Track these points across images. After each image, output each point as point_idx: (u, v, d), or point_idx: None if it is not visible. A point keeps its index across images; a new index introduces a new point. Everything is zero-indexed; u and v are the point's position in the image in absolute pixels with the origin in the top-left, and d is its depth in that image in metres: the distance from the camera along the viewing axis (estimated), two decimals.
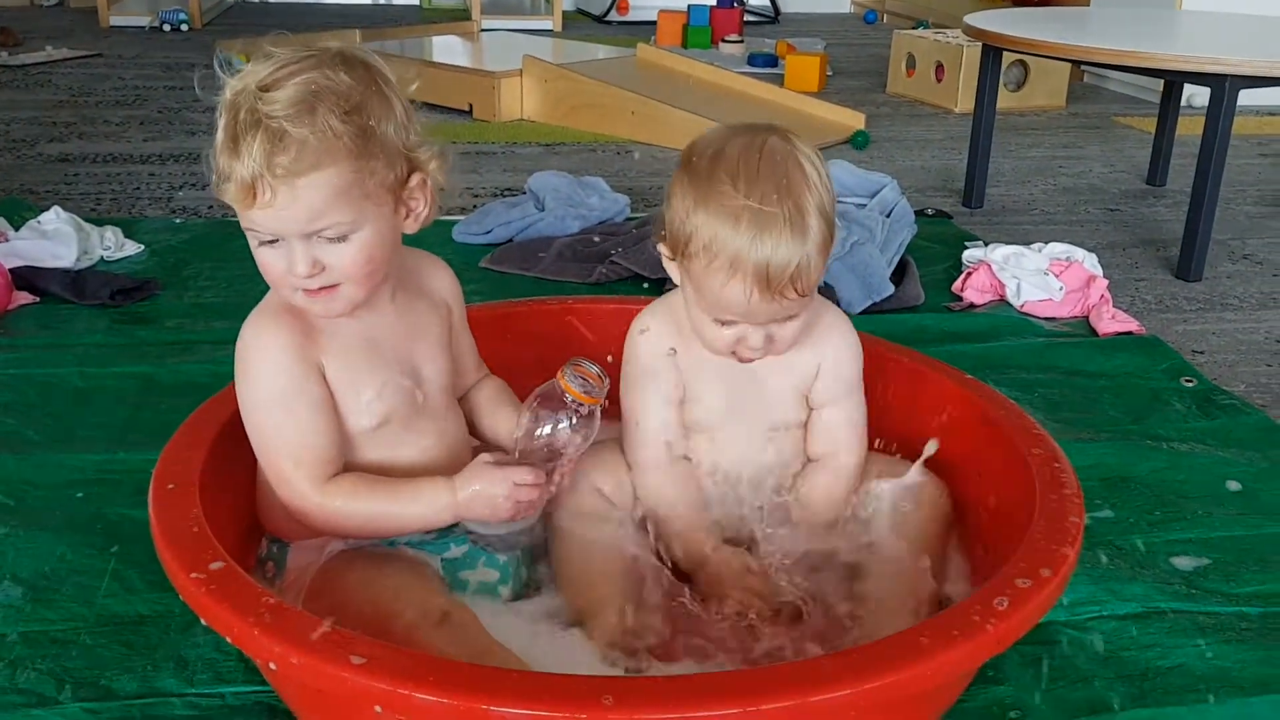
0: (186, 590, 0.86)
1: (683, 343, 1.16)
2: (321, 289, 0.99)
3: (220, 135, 0.94)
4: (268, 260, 0.99)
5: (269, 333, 1.00)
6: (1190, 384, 1.73)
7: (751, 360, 1.12)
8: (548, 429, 1.04)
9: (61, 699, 1.00)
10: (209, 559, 0.87)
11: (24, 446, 1.44)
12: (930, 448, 1.18)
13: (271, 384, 1.00)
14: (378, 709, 0.76)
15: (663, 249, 1.11)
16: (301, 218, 0.94)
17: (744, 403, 1.17)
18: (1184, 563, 1.27)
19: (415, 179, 1.02)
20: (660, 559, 1.12)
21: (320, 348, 1.02)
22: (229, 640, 0.83)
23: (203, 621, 0.85)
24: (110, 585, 1.15)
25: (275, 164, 0.91)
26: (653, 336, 1.17)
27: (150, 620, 1.11)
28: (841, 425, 1.19)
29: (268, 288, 1.98)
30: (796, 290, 1.03)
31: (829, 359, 1.17)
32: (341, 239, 0.97)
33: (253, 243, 0.99)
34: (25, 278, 1.92)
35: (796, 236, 1.01)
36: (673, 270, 1.12)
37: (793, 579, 1.10)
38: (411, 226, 1.04)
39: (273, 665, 0.79)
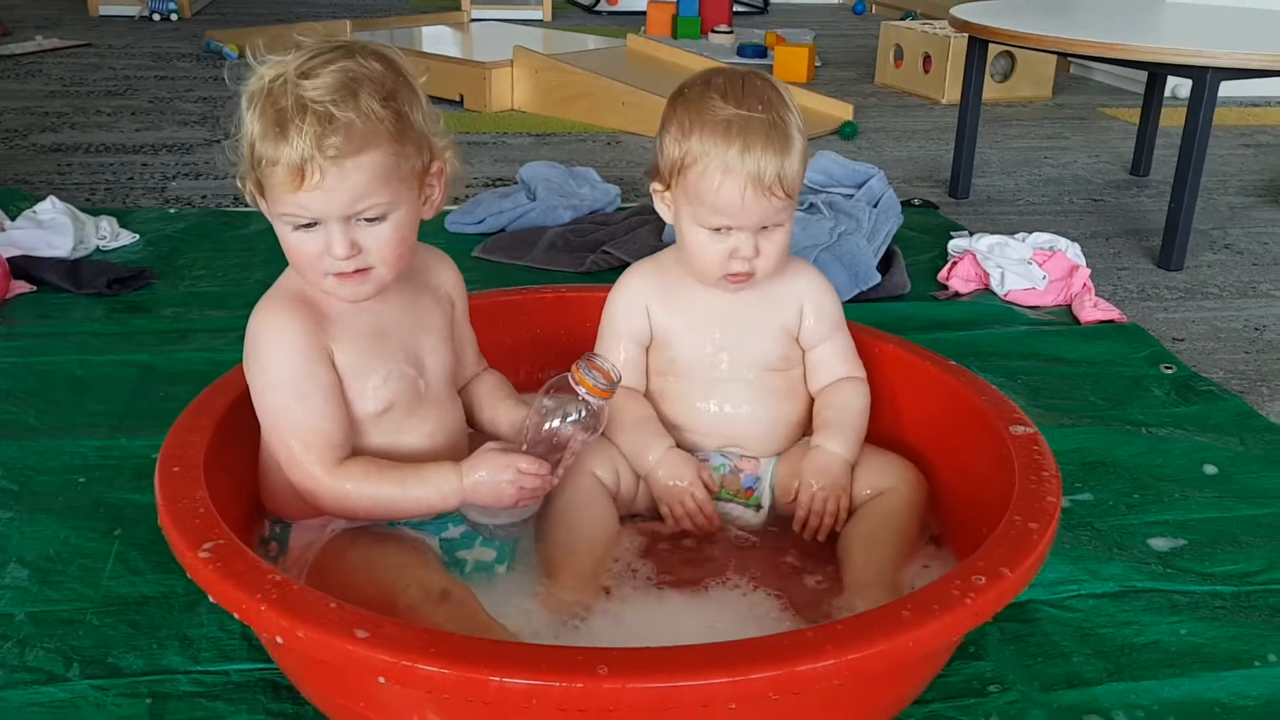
0: (194, 569, 0.88)
1: (660, 294, 1.26)
2: (356, 271, 1.01)
3: (259, 122, 0.96)
4: (301, 243, 1.01)
5: (281, 319, 1.03)
6: (1170, 371, 1.76)
7: (743, 279, 1.20)
8: (556, 421, 1.07)
9: (70, 676, 1.02)
10: (215, 539, 0.89)
11: (25, 433, 1.46)
12: None
13: (285, 369, 1.02)
14: (381, 680, 0.79)
15: (656, 187, 1.21)
16: (346, 199, 0.97)
17: (723, 345, 1.25)
18: (1161, 543, 1.31)
19: (435, 166, 1.05)
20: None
21: (330, 335, 1.04)
22: (236, 616, 0.86)
23: (210, 599, 0.88)
24: (114, 567, 1.18)
25: (326, 145, 0.94)
26: (630, 288, 1.28)
27: (154, 600, 1.13)
28: (838, 355, 1.29)
29: (262, 277, 2.01)
30: (783, 188, 1.14)
31: (810, 298, 1.27)
32: (379, 220, 1.00)
33: (284, 228, 1.01)
34: (22, 267, 1.93)
35: (780, 137, 1.14)
36: (665, 210, 1.22)
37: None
38: (428, 213, 1.07)
39: (279, 640, 0.82)
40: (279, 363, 1.03)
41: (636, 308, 1.27)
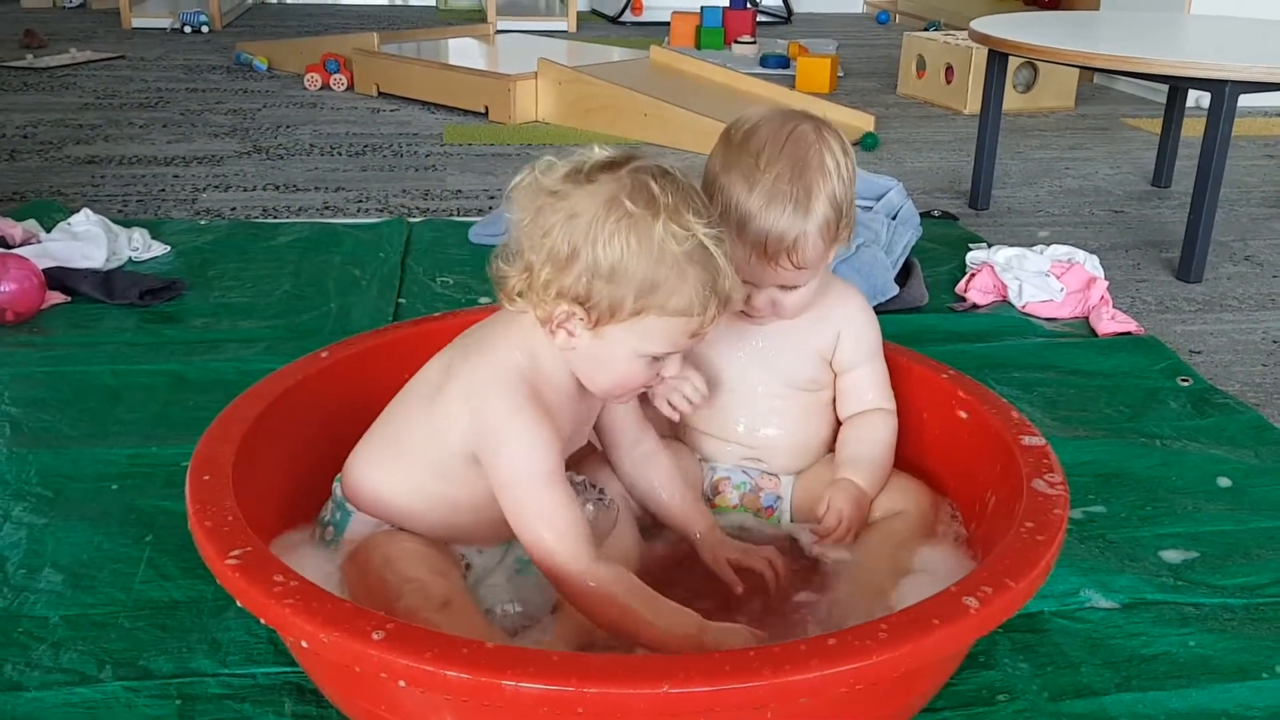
0: (223, 575, 0.91)
1: None
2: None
3: (718, 266, 1.00)
4: (642, 368, 1.04)
5: (531, 414, 1.02)
6: (1186, 383, 1.77)
7: (761, 319, 1.22)
8: None
9: (102, 677, 1.06)
10: (243, 546, 0.93)
11: (59, 441, 1.50)
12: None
13: (540, 464, 1.01)
14: (401, 684, 0.82)
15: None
16: None
17: (760, 360, 1.27)
18: (1172, 556, 1.32)
19: None
20: None
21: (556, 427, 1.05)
22: (263, 621, 0.89)
23: (238, 604, 0.91)
24: (146, 572, 1.22)
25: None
26: None
27: (184, 605, 1.17)
28: (870, 383, 1.30)
29: (290, 288, 2.03)
30: (792, 262, 1.14)
31: (849, 327, 1.28)
32: None
33: (630, 356, 1.02)
34: (57, 278, 1.98)
35: (798, 214, 1.13)
36: None
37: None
38: None
39: (304, 644, 0.85)
40: (535, 460, 1.01)
41: None
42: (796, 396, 1.28)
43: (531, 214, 1.01)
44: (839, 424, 1.31)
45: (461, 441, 1.05)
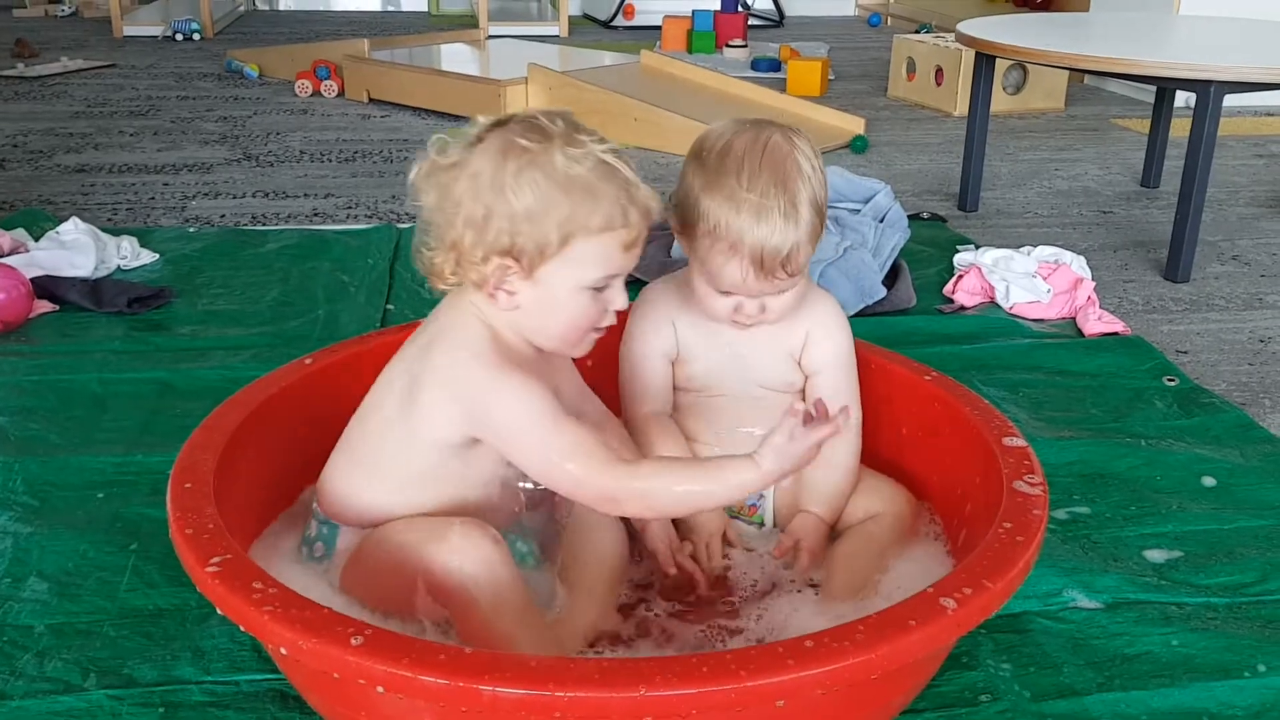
0: (203, 583, 0.91)
1: (682, 310, 1.28)
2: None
3: (625, 178, 1.03)
4: (588, 303, 1.05)
5: (512, 370, 1.04)
6: (1172, 383, 1.78)
7: (749, 325, 1.24)
8: None
9: (87, 686, 1.06)
10: (223, 553, 0.93)
11: (46, 449, 1.50)
12: None
13: (537, 409, 1.02)
14: (380, 690, 0.82)
15: (673, 224, 1.23)
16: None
17: (735, 363, 1.28)
18: (1156, 555, 1.32)
19: None
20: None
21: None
22: (242, 628, 0.89)
23: (219, 611, 0.91)
24: (130, 580, 1.22)
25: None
26: (657, 303, 1.30)
27: (168, 613, 1.17)
28: (835, 394, 1.27)
29: (278, 295, 2.03)
30: (786, 271, 1.17)
31: (818, 329, 1.29)
32: None
33: (579, 289, 1.04)
34: (45, 287, 1.98)
35: (789, 226, 1.15)
36: (681, 244, 1.24)
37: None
38: None
39: (283, 650, 0.85)
40: (533, 405, 1.03)
41: (664, 323, 1.29)
42: (771, 398, 1.29)
43: (438, 193, 1.03)
44: None
45: (450, 432, 1.05)
